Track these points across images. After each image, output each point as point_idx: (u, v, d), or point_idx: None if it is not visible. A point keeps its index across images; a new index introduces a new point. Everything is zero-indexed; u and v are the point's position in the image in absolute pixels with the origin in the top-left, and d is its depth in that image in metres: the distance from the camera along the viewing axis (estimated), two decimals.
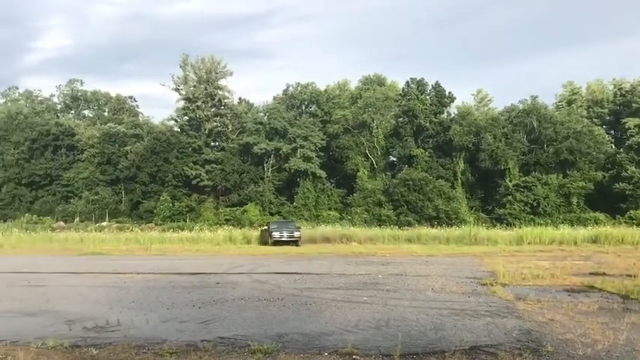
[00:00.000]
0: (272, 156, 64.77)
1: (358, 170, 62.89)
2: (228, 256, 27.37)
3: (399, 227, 46.44)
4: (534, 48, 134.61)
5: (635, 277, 14.24)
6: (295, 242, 35.09)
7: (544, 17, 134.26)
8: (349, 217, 55.89)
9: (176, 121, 70.53)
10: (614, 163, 57.95)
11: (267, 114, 66.29)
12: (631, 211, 51.81)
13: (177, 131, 68.87)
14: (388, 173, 64.94)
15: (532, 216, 54.89)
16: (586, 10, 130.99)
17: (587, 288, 12.78)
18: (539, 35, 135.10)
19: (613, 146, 66.29)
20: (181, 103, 69.13)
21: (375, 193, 59.61)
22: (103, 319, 9.84)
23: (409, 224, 51.18)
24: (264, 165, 65.45)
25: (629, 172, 54.29)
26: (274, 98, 68.82)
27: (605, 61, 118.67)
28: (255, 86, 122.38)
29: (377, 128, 63.97)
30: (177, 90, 69.02)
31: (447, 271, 17.49)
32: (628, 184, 53.80)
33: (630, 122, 65.90)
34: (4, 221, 58.40)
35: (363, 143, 63.82)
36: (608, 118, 71.16)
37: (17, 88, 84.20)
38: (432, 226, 47.85)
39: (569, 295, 11.75)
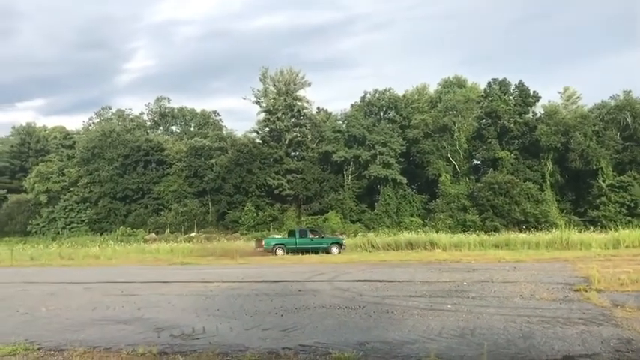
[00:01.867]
0: (351, 163, 64.89)
1: (440, 175, 61.72)
2: (310, 264, 27.57)
3: (485, 233, 45.08)
4: (624, 41, 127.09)
5: None
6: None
7: (628, 11, 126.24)
8: (432, 224, 54.94)
9: (257, 133, 72.24)
10: None
11: (346, 122, 66.55)
12: None
13: (259, 143, 70.53)
14: (472, 177, 63.33)
15: (629, 218, 51.69)
16: None
17: None
18: (628, 27, 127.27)
19: None
20: (262, 116, 70.82)
21: (458, 198, 58.25)
22: (190, 327, 10.13)
23: (496, 229, 49.52)
24: (344, 173, 65.67)
25: None
26: (352, 106, 69.01)
27: None
28: (333, 95, 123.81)
29: (458, 131, 62.57)
30: (257, 103, 70.81)
31: (537, 277, 16.70)
32: None
33: None
34: (101, 234, 62.12)
35: (445, 147, 62.59)
36: None
37: (110, 108, 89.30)
38: (521, 230, 46.07)
39: None
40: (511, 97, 63.51)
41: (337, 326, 9.92)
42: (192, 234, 57.57)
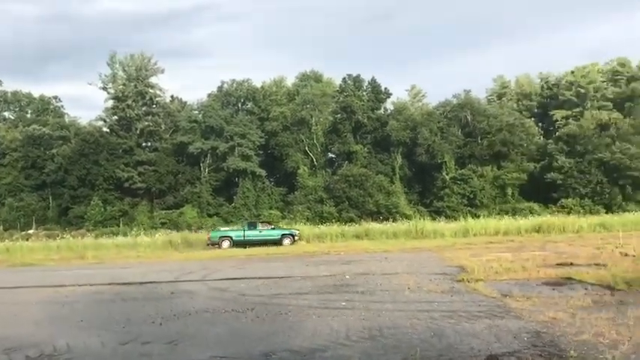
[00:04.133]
0: (208, 155, 62.87)
1: (298, 168, 62.08)
2: (172, 261, 25.86)
3: (343, 223, 46.07)
4: (465, 43, 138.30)
5: (605, 266, 14.11)
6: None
7: (472, 15, 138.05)
8: (291, 216, 55.03)
9: (105, 121, 67.20)
10: (545, 154, 59.85)
11: (202, 112, 64.33)
12: (562, 200, 53.71)
13: (106, 132, 65.68)
14: (328, 170, 64.51)
15: (469, 208, 55.78)
16: (512, 8, 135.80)
17: (565, 280, 12.45)
18: (469, 31, 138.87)
19: (542, 138, 68.61)
20: (110, 103, 65.96)
21: (316, 191, 58.98)
22: (49, 344, 8.49)
23: (351, 220, 50.85)
24: (201, 165, 63.48)
25: (559, 162, 56.15)
26: (209, 96, 66.79)
27: (532, 55, 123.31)
28: (188, 85, 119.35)
29: (316, 125, 63.39)
30: (105, 89, 65.87)
31: (412, 268, 16.90)
32: (559, 174, 55.64)
33: (558, 114, 68.61)
34: None
35: (303, 140, 63.07)
36: (536, 110, 73.56)
37: None
38: (374, 220, 47.73)
39: (554, 290, 11.34)
40: (364, 94, 65.53)
41: (230, 334, 8.90)
42: (31, 231, 52.04)
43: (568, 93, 68.76)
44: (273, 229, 36.61)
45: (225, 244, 34.09)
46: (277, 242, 34.39)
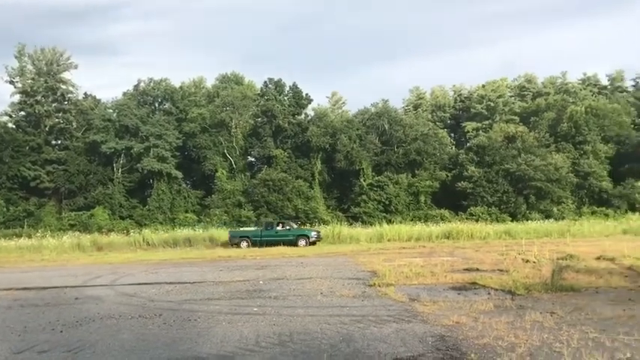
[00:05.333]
0: (122, 155, 60.61)
1: (216, 170, 61.14)
2: (80, 265, 24.71)
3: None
4: (385, 54, 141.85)
5: (507, 271, 14.84)
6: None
7: (393, 26, 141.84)
8: (208, 219, 54.08)
9: (10, 116, 63.24)
10: (456, 164, 62.25)
11: (117, 111, 61.96)
12: (471, 208, 55.99)
13: (12, 128, 61.79)
14: (247, 174, 63.96)
15: (385, 214, 57.09)
16: (428, 23, 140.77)
17: (470, 285, 12.98)
18: (389, 42, 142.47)
19: (454, 148, 71.46)
20: (17, 97, 62.20)
21: (234, 194, 58.33)
22: None
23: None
24: (114, 165, 61.08)
25: (469, 171, 58.50)
26: (124, 94, 64.45)
27: (448, 68, 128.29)
28: (104, 84, 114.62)
29: (235, 128, 62.76)
30: (12, 82, 61.92)
31: (327, 273, 17.06)
32: (468, 183, 57.96)
33: (469, 126, 71.90)
34: None
35: (222, 143, 62.23)
36: (449, 121, 76.62)
37: None
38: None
39: (459, 294, 11.79)
40: (286, 98, 65.63)
41: (135, 341, 8.61)
42: None
43: (479, 106, 72.25)
44: (289, 229, 36.35)
45: (244, 244, 34.51)
46: (293, 243, 34.29)
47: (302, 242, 34.36)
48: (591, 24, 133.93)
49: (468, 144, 65.94)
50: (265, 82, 65.81)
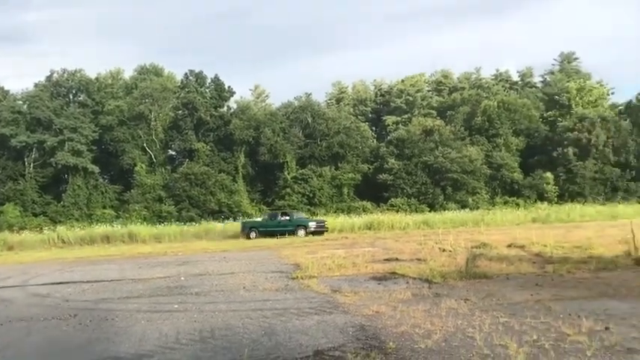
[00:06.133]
0: (34, 150, 57.59)
1: (136, 165, 59.33)
2: None
3: (183, 223, 45.08)
4: (309, 47, 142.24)
5: (425, 260, 15.36)
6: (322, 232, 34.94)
7: (316, 19, 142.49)
8: (127, 215, 52.47)
9: None
10: (377, 157, 63.61)
11: (28, 102, 58.71)
12: (392, 199, 57.45)
13: None
14: (168, 167, 62.46)
15: (309, 206, 57.55)
16: (349, 17, 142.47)
17: (390, 275, 13.33)
18: (313, 35, 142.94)
19: (375, 141, 72.88)
20: None
21: (154, 189, 56.88)
22: None
23: (192, 219, 50.02)
24: (25, 160, 57.94)
25: (389, 164, 59.93)
26: (36, 85, 61.07)
27: (369, 62, 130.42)
28: (11, 74, 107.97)
29: (155, 120, 61.04)
30: None
31: (250, 267, 17.01)
32: (389, 175, 59.39)
33: (389, 120, 73.59)
34: None
35: (141, 136, 60.41)
36: (370, 115, 78.06)
37: None
38: (216, 220, 47.35)
39: (379, 284, 12.08)
40: (207, 91, 64.54)
41: (48, 344, 8.28)
42: None
43: (398, 100, 74.11)
44: (290, 220, 36.21)
45: (253, 234, 35.06)
46: (293, 233, 34.40)
47: (301, 232, 34.59)
48: (503, 21, 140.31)
49: (389, 137, 67.44)
50: (186, 73, 64.52)
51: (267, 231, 35.20)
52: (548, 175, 57.71)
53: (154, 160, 61.33)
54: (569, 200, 53.66)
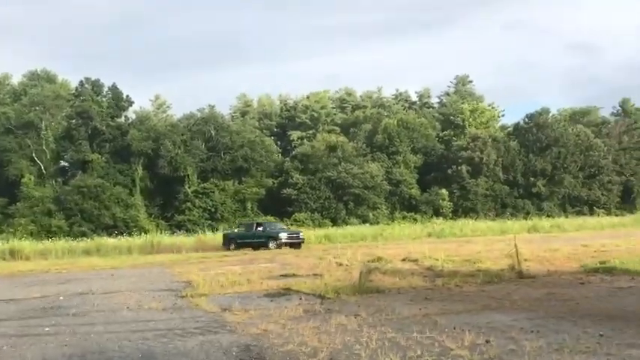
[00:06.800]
0: None
1: (23, 176, 55.38)
2: None
3: (74, 239, 42.45)
4: (211, 60, 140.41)
5: (321, 276, 15.24)
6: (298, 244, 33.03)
7: (221, 31, 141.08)
8: (11, 230, 48.67)
9: None
10: (282, 171, 63.61)
11: None
12: (296, 214, 57.55)
13: None
14: (59, 180, 58.85)
15: (210, 221, 56.31)
16: (256, 31, 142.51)
17: (284, 291, 13.05)
18: (216, 48, 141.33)
19: (280, 155, 72.91)
20: None
21: (43, 202, 53.23)
22: None
23: (84, 235, 47.30)
24: None
25: (294, 179, 60.11)
26: None
27: (274, 77, 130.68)
28: None
29: (46, 129, 57.48)
30: None
31: (139, 285, 16.09)
32: (293, 190, 59.50)
33: (294, 134, 73.99)
34: None
35: (29, 146, 56.57)
36: (275, 130, 78.12)
37: None
38: (110, 235, 45.08)
39: (272, 301, 11.75)
40: (104, 100, 61.80)
41: None
42: None
43: (303, 116, 74.83)
44: (263, 231, 34.02)
45: (232, 246, 33.63)
46: (264, 244, 32.22)
47: (272, 244, 32.31)
48: (405, 44, 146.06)
49: (294, 152, 67.70)
50: (81, 81, 61.47)
51: (245, 242, 33.54)
52: (444, 191, 60.27)
53: (44, 171, 57.64)
54: (462, 216, 56.29)
